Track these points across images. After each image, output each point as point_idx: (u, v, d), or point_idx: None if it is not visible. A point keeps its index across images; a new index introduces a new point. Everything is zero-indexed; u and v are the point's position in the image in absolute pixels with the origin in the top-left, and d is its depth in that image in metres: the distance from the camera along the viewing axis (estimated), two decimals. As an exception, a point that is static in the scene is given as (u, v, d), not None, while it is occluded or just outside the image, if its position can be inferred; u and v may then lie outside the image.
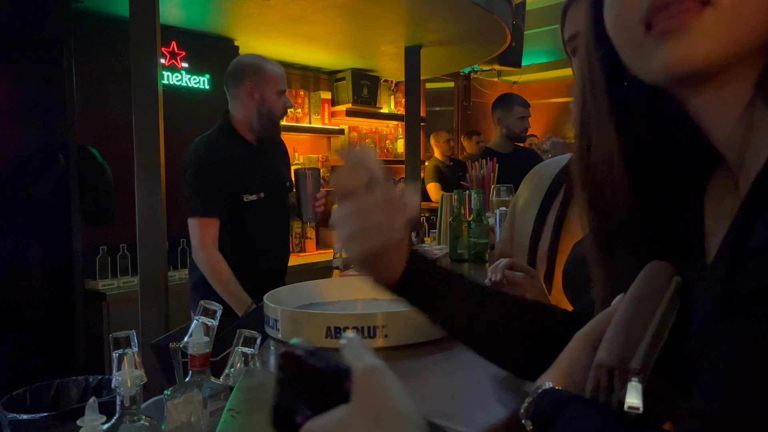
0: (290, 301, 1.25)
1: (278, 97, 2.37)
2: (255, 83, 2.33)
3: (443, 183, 5.34)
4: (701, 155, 0.54)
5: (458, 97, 6.90)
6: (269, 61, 2.41)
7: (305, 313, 1.05)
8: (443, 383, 0.83)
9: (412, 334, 1.03)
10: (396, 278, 0.70)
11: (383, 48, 4.14)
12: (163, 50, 3.53)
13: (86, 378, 2.25)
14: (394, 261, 0.70)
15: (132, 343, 0.98)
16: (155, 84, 2.37)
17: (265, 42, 4.02)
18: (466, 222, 2.01)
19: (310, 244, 4.61)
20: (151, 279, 2.36)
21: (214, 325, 0.98)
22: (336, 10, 3.26)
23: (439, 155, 5.57)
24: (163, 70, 3.51)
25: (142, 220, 2.34)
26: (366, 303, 1.32)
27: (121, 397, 0.93)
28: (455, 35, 3.82)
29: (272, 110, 2.34)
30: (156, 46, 2.39)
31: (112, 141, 3.24)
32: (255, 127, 2.35)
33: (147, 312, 2.36)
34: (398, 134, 5.54)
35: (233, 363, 1.06)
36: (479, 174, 2.53)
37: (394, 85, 5.46)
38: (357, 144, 0.95)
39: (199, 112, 3.71)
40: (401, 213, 0.69)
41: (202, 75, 3.80)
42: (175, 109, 3.26)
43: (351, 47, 4.23)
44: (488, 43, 4.20)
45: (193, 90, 3.76)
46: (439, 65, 4.94)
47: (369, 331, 1.00)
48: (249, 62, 2.40)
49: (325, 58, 4.57)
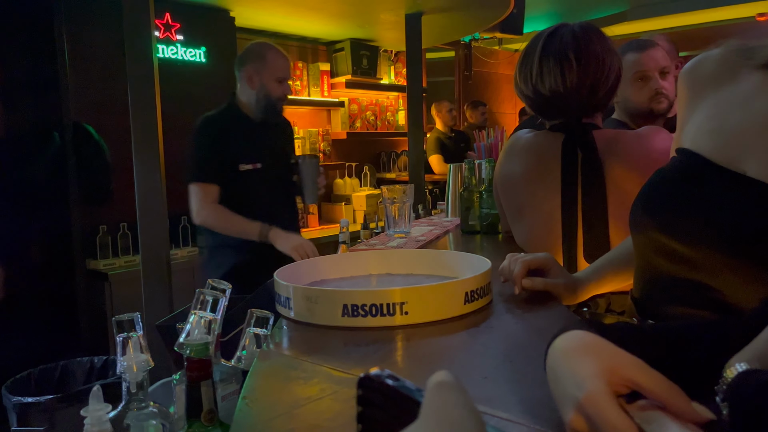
0: (301, 277, 1.20)
1: (277, 84, 2.50)
2: (255, 69, 2.48)
3: (445, 155, 5.26)
4: None
5: (459, 67, 6.78)
6: (274, 49, 2.55)
7: (320, 291, 0.99)
8: (472, 363, 0.78)
9: (434, 311, 0.97)
10: None
11: (383, 16, 4.03)
12: (157, 22, 3.43)
13: (91, 359, 2.21)
14: None
15: (137, 327, 0.93)
16: (150, 58, 2.30)
17: (262, 12, 3.91)
18: (477, 192, 1.94)
19: (313, 220, 4.56)
20: (153, 257, 2.31)
21: (216, 318, 0.92)
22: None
23: (440, 126, 5.48)
24: (158, 44, 3.41)
25: (141, 198, 2.28)
26: (380, 278, 1.26)
27: (127, 383, 0.88)
28: (457, 1, 3.71)
29: (270, 95, 2.50)
30: (150, 18, 2.31)
31: (107, 117, 3.17)
32: (254, 110, 2.52)
33: (150, 291, 2.33)
34: (399, 106, 5.45)
35: (245, 345, 1.01)
36: (487, 143, 2.46)
37: (394, 56, 5.35)
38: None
39: (196, 86, 3.63)
40: None
41: (198, 48, 3.70)
42: (172, 84, 3.18)
43: (349, 16, 4.12)
44: (490, 9, 4.09)
45: (189, 63, 3.67)
46: (440, 33, 4.83)
47: (388, 308, 0.94)
48: (254, 48, 2.56)
49: (323, 28, 4.46)
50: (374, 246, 1.80)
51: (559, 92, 1.43)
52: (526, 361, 0.74)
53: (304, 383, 0.74)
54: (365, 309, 0.95)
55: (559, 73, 1.42)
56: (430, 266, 1.27)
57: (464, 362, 0.78)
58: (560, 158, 1.45)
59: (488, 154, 2.40)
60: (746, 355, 0.49)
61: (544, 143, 1.51)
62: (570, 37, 1.43)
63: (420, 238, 1.90)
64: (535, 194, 1.50)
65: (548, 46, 1.45)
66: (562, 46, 1.43)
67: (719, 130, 0.87)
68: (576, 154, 1.44)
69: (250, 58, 2.51)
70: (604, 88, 1.45)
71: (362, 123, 5.14)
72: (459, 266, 1.22)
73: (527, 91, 1.50)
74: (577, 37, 1.43)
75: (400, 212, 1.90)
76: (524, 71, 1.49)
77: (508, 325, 0.99)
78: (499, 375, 0.72)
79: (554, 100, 1.45)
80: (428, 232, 2.01)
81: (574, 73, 1.41)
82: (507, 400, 0.64)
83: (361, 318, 0.95)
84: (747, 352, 0.50)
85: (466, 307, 1.01)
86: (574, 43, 1.42)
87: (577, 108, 1.46)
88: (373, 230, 2.72)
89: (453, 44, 6.45)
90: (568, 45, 1.42)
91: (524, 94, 1.52)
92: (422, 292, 0.98)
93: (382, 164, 5.49)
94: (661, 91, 2.07)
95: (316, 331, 0.97)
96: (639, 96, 2.09)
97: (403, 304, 0.95)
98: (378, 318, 0.95)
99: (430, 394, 0.41)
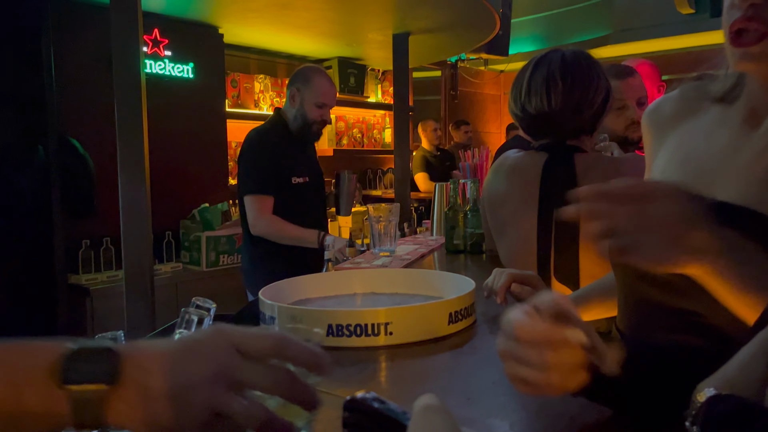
0: (286, 296, 1.20)
1: (316, 108, 2.59)
2: (298, 89, 2.58)
3: (431, 173, 5.29)
4: None
5: (445, 86, 6.85)
6: (322, 75, 2.67)
7: (305, 310, 1.00)
8: (456, 385, 0.78)
9: (418, 331, 0.98)
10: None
11: (371, 36, 4.07)
12: (146, 38, 3.43)
13: (71, 376, 2.18)
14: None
15: (121, 345, 0.92)
16: (137, 73, 2.30)
17: (251, 30, 3.94)
18: (462, 212, 1.96)
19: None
20: (137, 273, 2.30)
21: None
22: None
23: (426, 145, 5.51)
24: (146, 59, 3.41)
25: (125, 213, 2.27)
26: (365, 297, 1.27)
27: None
28: (444, 22, 3.76)
29: (306, 117, 2.59)
30: (138, 33, 2.32)
31: (93, 132, 3.15)
32: (293, 128, 2.62)
33: (133, 306, 2.31)
34: (386, 124, 5.48)
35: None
36: (472, 163, 2.49)
37: (381, 74, 5.39)
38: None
39: (184, 102, 3.63)
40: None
41: (186, 63, 3.70)
42: (159, 99, 3.18)
43: (338, 35, 4.15)
44: (477, 31, 4.15)
45: (177, 79, 3.67)
46: (427, 53, 4.88)
47: (372, 328, 0.95)
48: (304, 70, 2.68)
49: (312, 47, 4.49)
50: (359, 264, 1.81)
51: (545, 112, 1.46)
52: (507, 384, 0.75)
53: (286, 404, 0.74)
54: (350, 329, 0.95)
55: (545, 94, 1.46)
56: (415, 286, 1.28)
57: (449, 384, 0.79)
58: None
59: (473, 174, 2.43)
60: (716, 380, 0.51)
61: (528, 163, 1.54)
62: (559, 61, 1.48)
63: (405, 256, 1.91)
64: (516, 213, 1.53)
65: (538, 67, 1.49)
66: (550, 68, 1.47)
67: (687, 160, 0.92)
68: (556, 176, 1.46)
69: (298, 78, 2.62)
70: (589, 110, 1.48)
71: (349, 140, 5.16)
72: (443, 286, 1.23)
73: (516, 110, 1.54)
74: (566, 61, 1.47)
75: (386, 231, 1.91)
76: (514, 91, 1.54)
77: (492, 346, 0.99)
78: (484, 397, 0.72)
79: (540, 120, 1.49)
80: (413, 251, 2.02)
81: (560, 94, 1.45)
82: (491, 423, 0.64)
83: (345, 338, 0.96)
84: (717, 377, 0.51)
85: (450, 327, 1.02)
86: (562, 66, 1.46)
87: (562, 129, 1.49)
88: (359, 248, 2.73)
89: (439, 64, 6.53)
90: (556, 67, 1.46)
91: (514, 112, 1.56)
92: (407, 312, 0.98)
93: (368, 181, 5.51)
94: (637, 121, 2.11)
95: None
96: (615, 123, 2.13)
97: (387, 324, 0.96)
98: (363, 338, 0.95)
99: (416, 418, 0.41)
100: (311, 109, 2.58)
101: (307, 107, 2.58)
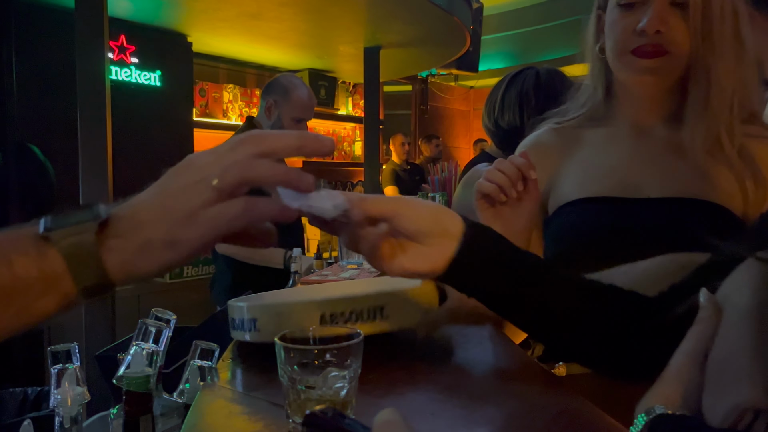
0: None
1: (293, 123, 2.43)
2: (276, 102, 2.43)
3: (400, 186, 5.31)
4: None
5: (415, 101, 6.90)
6: (301, 87, 2.48)
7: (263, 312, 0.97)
8: (419, 399, 0.77)
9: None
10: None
11: (342, 48, 4.07)
12: (111, 44, 3.37)
13: (24, 390, 2.09)
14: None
15: (73, 358, 0.89)
16: (102, 79, 2.26)
17: (220, 39, 3.90)
18: (430, 225, 1.96)
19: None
20: (97, 284, 2.24)
21: (158, 350, 0.89)
22: (294, 7, 3.18)
23: (396, 158, 5.54)
24: (111, 65, 3.35)
25: (87, 222, 2.22)
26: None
27: (60, 417, 0.84)
28: (415, 37, 3.79)
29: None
30: (103, 39, 2.28)
31: (54, 139, 3.08)
32: None
33: (91, 318, 2.24)
34: (356, 136, 5.48)
35: (188, 378, 0.98)
36: (441, 177, 2.49)
37: (351, 87, 5.40)
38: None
39: (151, 110, 3.57)
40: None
41: (153, 71, 3.65)
42: (125, 106, 3.12)
43: (309, 47, 4.15)
44: (447, 46, 4.19)
45: (143, 86, 3.61)
46: (398, 67, 4.91)
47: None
48: (282, 81, 2.49)
49: (282, 58, 4.48)
50: (326, 277, 1.79)
51: (517, 126, 1.48)
52: (471, 397, 0.74)
53: (247, 419, 0.72)
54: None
55: (518, 108, 1.48)
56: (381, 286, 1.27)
57: (410, 399, 0.77)
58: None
59: (442, 187, 2.43)
60: (654, 395, 0.49)
61: None
62: (533, 77, 1.51)
63: (372, 269, 1.90)
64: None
65: (512, 84, 1.52)
66: (524, 85, 1.50)
67: (606, 174, 0.99)
68: None
69: (275, 89, 2.46)
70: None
71: (318, 152, 5.15)
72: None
73: (489, 125, 1.56)
74: (540, 77, 1.50)
75: (354, 243, 1.90)
76: (488, 105, 1.56)
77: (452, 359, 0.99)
78: (446, 412, 0.71)
79: (512, 134, 1.51)
80: (381, 264, 2.00)
81: (532, 109, 1.47)
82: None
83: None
84: (655, 393, 0.49)
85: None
86: (535, 82, 1.49)
87: None
88: (326, 260, 2.71)
89: (410, 79, 6.58)
90: (530, 83, 1.49)
91: (487, 126, 1.58)
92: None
93: (338, 194, 5.49)
94: None
95: (262, 364, 0.95)
96: None
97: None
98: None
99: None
100: (289, 124, 2.43)
101: (285, 121, 2.43)
